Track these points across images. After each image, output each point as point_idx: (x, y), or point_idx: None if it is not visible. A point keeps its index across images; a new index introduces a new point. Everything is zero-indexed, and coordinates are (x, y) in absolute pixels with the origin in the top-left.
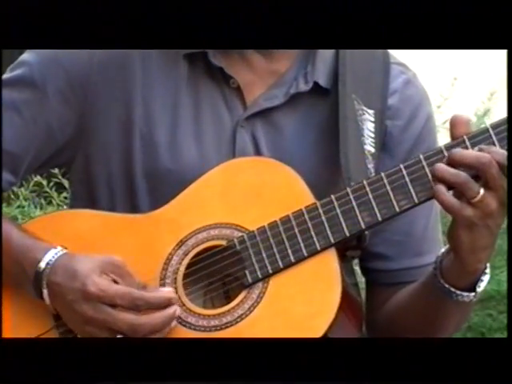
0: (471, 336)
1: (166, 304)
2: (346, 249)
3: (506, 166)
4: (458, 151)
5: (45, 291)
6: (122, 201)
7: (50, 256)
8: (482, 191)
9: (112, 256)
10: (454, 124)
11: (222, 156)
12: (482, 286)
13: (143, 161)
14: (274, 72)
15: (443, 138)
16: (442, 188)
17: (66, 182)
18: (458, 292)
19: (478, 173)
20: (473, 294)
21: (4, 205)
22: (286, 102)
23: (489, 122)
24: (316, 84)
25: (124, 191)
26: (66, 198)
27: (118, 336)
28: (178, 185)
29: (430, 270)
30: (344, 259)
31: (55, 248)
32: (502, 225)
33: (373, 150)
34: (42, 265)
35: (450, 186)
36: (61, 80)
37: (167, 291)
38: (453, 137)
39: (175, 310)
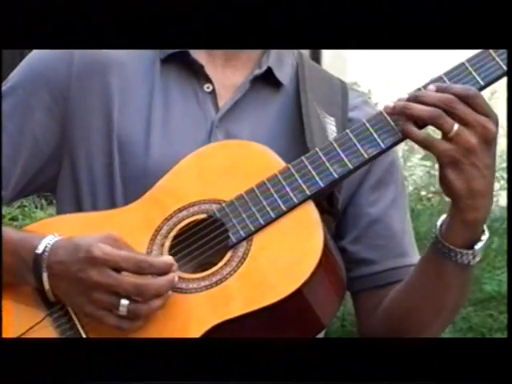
0: (472, 336)
1: (167, 269)
2: (320, 212)
3: (477, 103)
4: (423, 92)
5: (44, 274)
6: (103, 205)
7: (47, 240)
8: (456, 125)
9: (108, 231)
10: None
11: None
12: (480, 245)
13: (121, 163)
14: (239, 76)
15: None
16: (409, 124)
17: None
18: (458, 249)
19: (445, 112)
20: (471, 251)
21: (5, 205)
22: (247, 91)
23: None
24: (270, 71)
25: (105, 195)
26: None
27: (123, 301)
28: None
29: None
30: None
31: (52, 234)
32: (492, 169)
33: None
34: (41, 247)
35: (423, 123)
36: (43, 92)
37: (168, 258)
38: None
39: (175, 275)
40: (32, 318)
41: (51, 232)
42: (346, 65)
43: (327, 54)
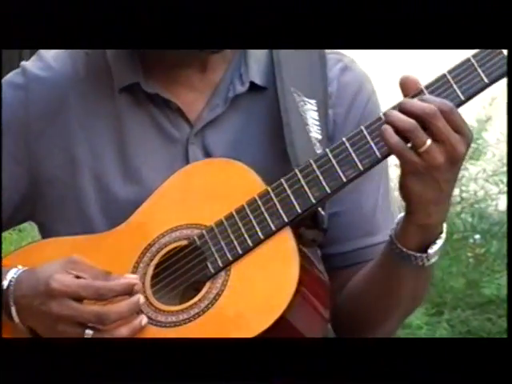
0: None
1: (129, 290)
2: (300, 227)
3: (455, 120)
4: (407, 101)
5: (12, 309)
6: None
7: (11, 274)
8: (429, 142)
9: (69, 255)
10: (405, 84)
11: None
12: (434, 249)
13: (97, 195)
14: (210, 83)
15: None
16: (388, 128)
17: None
18: (410, 252)
19: (424, 124)
20: (425, 254)
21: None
22: (227, 107)
23: (490, 127)
24: (252, 83)
25: (83, 229)
26: None
27: (88, 331)
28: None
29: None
30: (306, 243)
31: (16, 267)
32: (452, 182)
33: (320, 136)
34: (5, 283)
35: (398, 132)
36: (6, 140)
37: (130, 277)
38: (405, 95)
39: (139, 297)
40: None
41: (37, 256)
42: None
43: None
